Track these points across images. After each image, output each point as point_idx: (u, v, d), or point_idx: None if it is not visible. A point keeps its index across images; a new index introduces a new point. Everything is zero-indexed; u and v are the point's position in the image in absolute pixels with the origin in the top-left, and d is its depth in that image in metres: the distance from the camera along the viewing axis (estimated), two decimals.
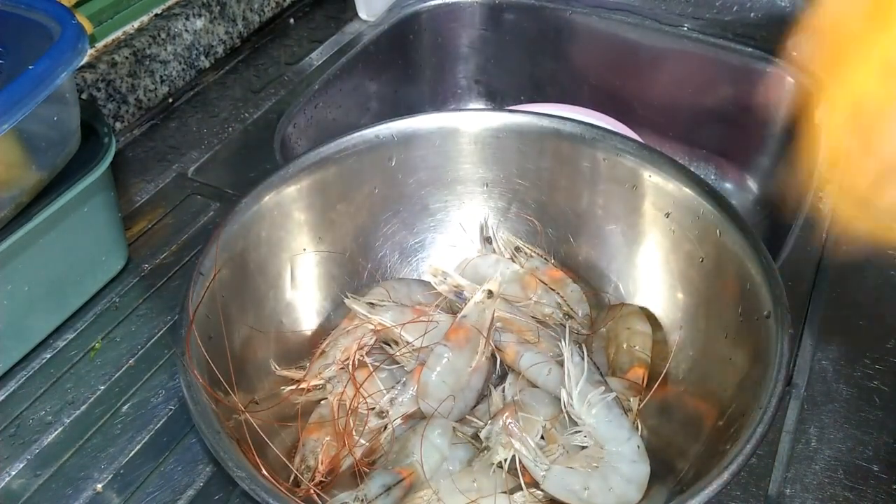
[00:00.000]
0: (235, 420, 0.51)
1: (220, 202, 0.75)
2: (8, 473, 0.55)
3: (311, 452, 0.56)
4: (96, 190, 0.61)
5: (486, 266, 0.69)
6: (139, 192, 0.77)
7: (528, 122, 0.65)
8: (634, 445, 0.53)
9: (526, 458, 0.52)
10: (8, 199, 0.54)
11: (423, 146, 0.65)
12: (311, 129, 0.88)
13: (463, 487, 0.52)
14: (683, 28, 0.92)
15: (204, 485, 0.54)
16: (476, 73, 1.06)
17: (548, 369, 0.58)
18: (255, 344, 0.59)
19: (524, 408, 0.55)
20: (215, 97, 0.89)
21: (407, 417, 0.58)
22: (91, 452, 0.56)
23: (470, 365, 0.58)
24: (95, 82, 0.79)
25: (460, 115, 0.66)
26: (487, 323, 0.60)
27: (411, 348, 0.61)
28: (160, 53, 0.86)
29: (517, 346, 0.60)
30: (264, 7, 0.99)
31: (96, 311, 0.65)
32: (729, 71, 0.90)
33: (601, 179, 0.64)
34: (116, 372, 0.61)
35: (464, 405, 0.58)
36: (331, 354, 0.61)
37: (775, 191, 0.91)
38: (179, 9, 0.89)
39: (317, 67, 0.93)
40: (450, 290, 0.66)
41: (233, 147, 0.82)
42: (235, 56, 0.96)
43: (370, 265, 0.68)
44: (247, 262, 0.58)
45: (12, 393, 0.60)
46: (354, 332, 0.62)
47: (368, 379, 0.60)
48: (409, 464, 0.54)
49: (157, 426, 0.57)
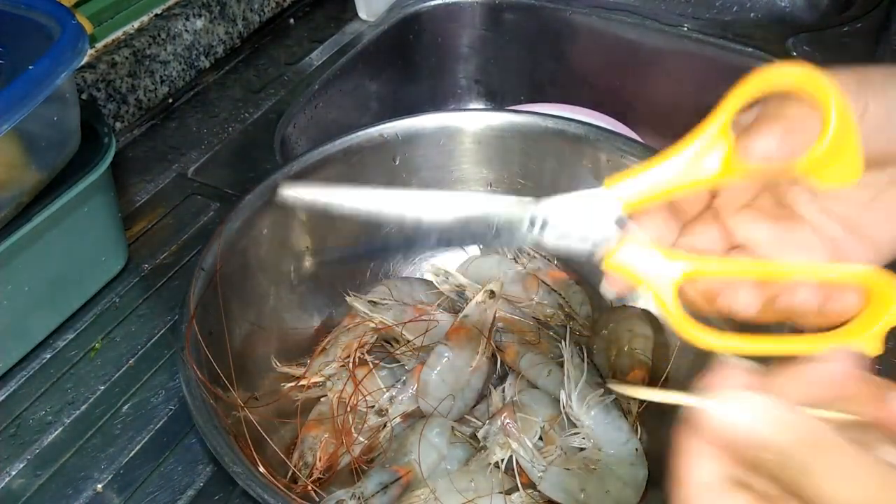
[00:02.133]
0: (234, 416, 0.51)
1: (220, 202, 0.75)
2: (8, 473, 0.55)
3: (310, 449, 0.56)
4: (96, 190, 0.61)
5: (488, 266, 0.69)
6: (139, 192, 0.77)
7: (531, 123, 0.65)
8: (633, 448, 0.53)
9: (523, 458, 0.52)
10: (8, 199, 0.54)
11: (426, 145, 0.66)
12: (311, 129, 0.88)
13: (460, 487, 0.52)
14: (683, 28, 0.92)
15: (204, 485, 0.54)
16: (476, 73, 1.06)
17: (548, 370, 0.58)
18: (256, 341, 0.59)
19: (523, 408, 0.55)
20: (215, 97, 0.89)
21: (406, 416, 0.58)
22: (91, 452, 0.56)
23: (470, 365, 0.58)
24: (95, 82, 0.79)
25: (464, 114, 0.66)
26: (488, 323, 0.60)
27: (412, 347, 0.61)
28: (160, 53, 0.86)
29: (518, 347, 0.60)
30: (264, 7, 0.99)
31: (96, 312, 0.65)
32: (729, 71, 0.90)
33: (604, 180, 0.63)
34: (116, 372, 0.61)
35: (463, 405, 0.58)
36: (331, 352, 0.61)
37: None
38: (179, 9, 0.89)
39: (317, 67, 0.93)
40: (451, 290, 0.66)
41: (233, 147, 0.82)
42: (235, 56, 0.96)
43: (372, 263, 0.68)
44: (249, 258, 0.58)
45: (12, 393, 0.60)
46: (356, 329, 0.62)
47: (368, 377, 0.60)
48: (406, 462, 0.54)
49: (157, 426, 0.57)
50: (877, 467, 0.23)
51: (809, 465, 0.23)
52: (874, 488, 0.22)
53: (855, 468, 0.23)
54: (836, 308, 0.31)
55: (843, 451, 0.23)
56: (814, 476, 0.23)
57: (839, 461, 0.23)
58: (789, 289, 0.31)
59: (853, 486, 0.22)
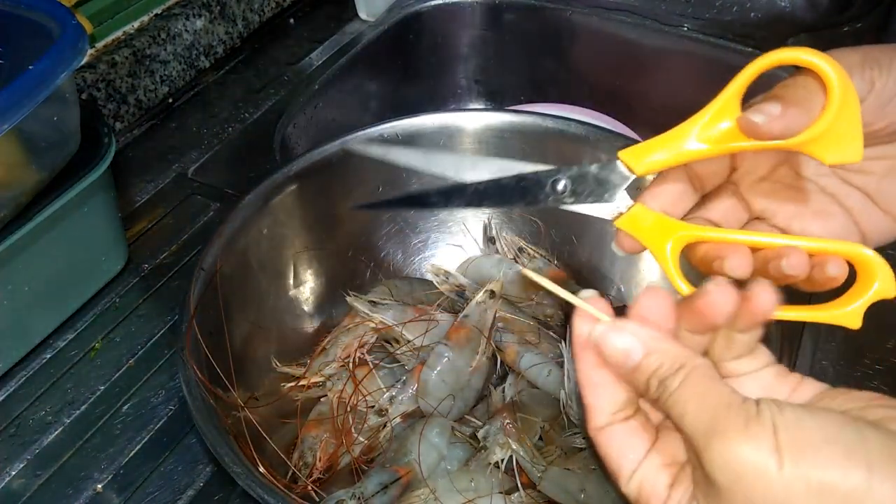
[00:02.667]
0: (234, 416, 0.51)
1: (220, 202, 0.75)
2: (8, 473, 0.55)
3: (310, 449, 0.56)
4: (96, 190, 0.61)
5: (488, 266, 0.69)
6: (139, 192, 0.77)
7: (531, 122, 0.65)
8: None
9: (523, 458, 0.52)
10: (8, 199, 0.54)
11: (427, 145, 0.66)
12: (311, 129, 0.88)
13: (460, 487, 0.52)
14: (683, 28, 0.92)
15: (204, 485, 0.54)
16: (476, 73, 1.06)
17: (548, 370, 0.58)
18: (256, 340, 0.59)
19: (523, 408, 0.55)
20: (215, 97, 0.89)
21: (406, 416, 0.58)
22: (91, 452, 0.56)
23: (470, 365, 0.58)
24: (95, 82, 0.79)
25: (464, 114, 0.66)
26: (488, 323, 0.60)
27: (412, 347, 0.61)
28: (160, 53, 0.86)
29: (518, 347, 0.60)
30: (264, 7, 0.99)
31: (96, 312, 0.65)
32: (729, 71, 0.89)
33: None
34: (116, 372, 0.61)
35: (463, 405, 0.58)
36: (331, 352, 0.61)
37: None
38: (179, 9, 0.89)
39: (317, 67, 0.93)
40: (451, 290, 0.66)
41: (233, 147, 0.82)
42: (235, 56, 0.96)
43: (372, 263, 0.68)
44: (249, 258, 0.58)
45: (12, 393, 0.60)
46: (356, 329, 0.62)
47: (368, 377, 0.60)
48: (406, 462, 0.54)
49: (157, 426, 0.57)
50: (726, 395, 0.26)
51: (671, 386, 0.27)
52: (721, 410, 0.25)
53: (707, 393, 0.26)
54: (822, 276, 0.33)
55: (702, 376, 0.27)
56: (673, 396, 0.26)
57: (696, 385, 0.26)
58: (781, 254, 0.33)
59: (701, 409, 0.26)
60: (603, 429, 0.29)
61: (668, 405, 0.27)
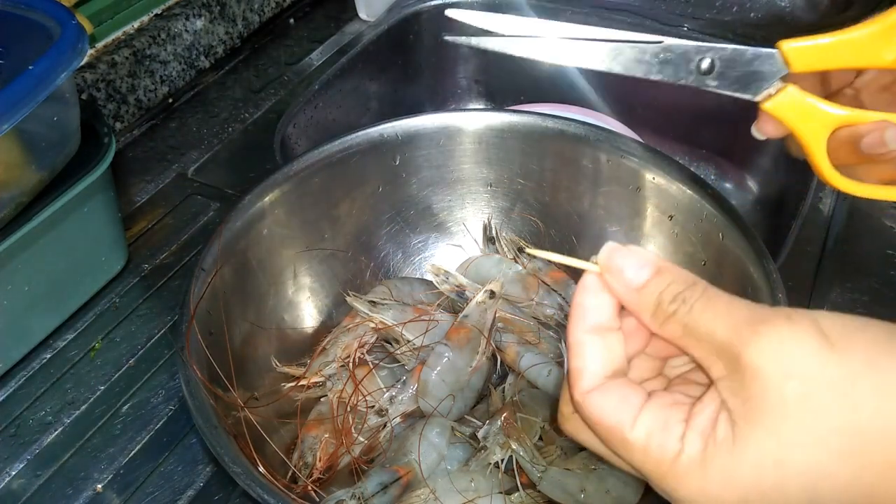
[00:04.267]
0: (234, 416, 0.51)
1: (220, 202, 0.75)
2: (8, 473, 0.55)
3: (310, 449, 0.56)
4: (96, 190, 0.61)
5: (488, 266, 0.69)
6: (139, 192, 0.77)
7: (531, 123, 0.65)
8: None
9: (523, 458, 0.52)
10: (8, 199, 0.54)
11: (426, 145, 0.66)
12: (311, 129, 0.88)
13: (460, 487, 0.52)
14: (683, 28, 0.92)
15: (204, 485, 0.54)
16: (476, 73, 1.06)
17: (548, 370, 0.58)
18: (255, 341, 0.59)
19: (523, 408, 0.55)
20: (215, 97, 0.89)
21: (406, 416, 0.58)
22: (91, 452, 0.56)
23: (470, 365, 0.58)
24: (95, 82, 0.79)
25: (464, 114, 0.66)
26: (488, 323, 0.60)
27: (412, 347, 0.61)
28: (160, 53, 0.86)
29: (518, 347, 0.60)
30: (264, 7, 0.99)
31: (96, 311, 0.65)
32: None
33: (604, 181, 0.64)
34: (116, 372, 0.61)
35: (463, 405, 0.58)
36: (331, 352, 0.61)
37: (775, 191, 0.91)
38: (179, 9, 0.89)
39: (317, 67, 0.93)
40: (451, 290, 0.65)
41: (233, 147, 0.82)
42: (235, 56, 0.96)
43: (373, 264, 0.68)
44: (249, 258, 0.58)
45: (12, 393, 0.60)
46: (355, 329, 0.62)
47: (368, 377, 0.60)
48: (406, 462, 0.54)
49: (157, 426, 0.57)
50: (752, 304, 0.26)
51: (691, 298, 0.27)
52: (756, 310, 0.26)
53: (732, 300, 0.27)
54: None
55: (718, 291, 0.27)
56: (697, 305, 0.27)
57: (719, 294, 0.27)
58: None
59: (735, 309, 0.26)
60: (591, 391, 0.28)
61: (690, 317, 0.27)
